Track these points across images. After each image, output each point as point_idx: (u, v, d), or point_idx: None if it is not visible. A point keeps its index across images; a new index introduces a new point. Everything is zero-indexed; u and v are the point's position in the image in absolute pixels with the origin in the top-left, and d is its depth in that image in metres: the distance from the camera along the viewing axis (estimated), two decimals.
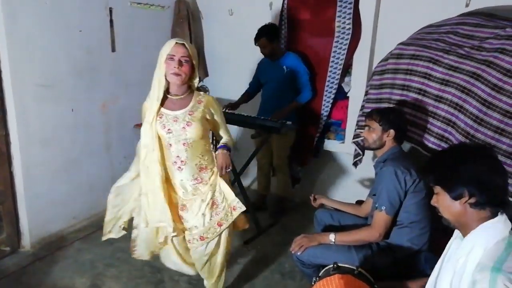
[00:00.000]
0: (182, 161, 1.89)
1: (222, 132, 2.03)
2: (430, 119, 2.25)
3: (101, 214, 3.17)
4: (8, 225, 2.63)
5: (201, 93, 1.96)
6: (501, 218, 1.19)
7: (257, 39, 3.06)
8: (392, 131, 1.97)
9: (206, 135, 1.97)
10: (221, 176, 1.96)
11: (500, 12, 2.31)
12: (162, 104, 1.87)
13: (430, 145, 2.24)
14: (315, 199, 2.40)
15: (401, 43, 2.45)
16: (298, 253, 1.96)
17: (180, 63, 1.78)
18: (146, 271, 2.55)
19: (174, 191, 2.00)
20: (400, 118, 2.01)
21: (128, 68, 3.25)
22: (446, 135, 2.19)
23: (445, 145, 2.20)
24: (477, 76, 2.05)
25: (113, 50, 3.10)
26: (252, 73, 3.38)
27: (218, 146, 1.99)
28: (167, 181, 1.96)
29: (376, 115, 2.02)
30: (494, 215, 1.19)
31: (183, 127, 1.85)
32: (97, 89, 3.02)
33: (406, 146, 2.46)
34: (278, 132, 2.91)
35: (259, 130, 3.09)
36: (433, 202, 1.30)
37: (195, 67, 1.88)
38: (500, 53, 2.01)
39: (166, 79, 1.85)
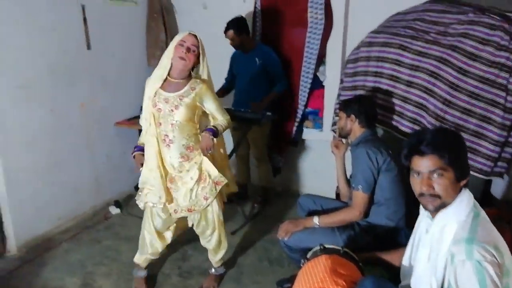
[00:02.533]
0: (170, 140, 2.05)
1: (218, 116, 2.18)
2: (403, 104, 2.36)
3: (86, 214, 3.20)
4: None
5: (198, 81, 2.09)
6: (466, 192, 1.30)
7: (225, 32, 3.11)
8: (353, 116, 2.10)
9: (194, 118, 2.12)
10: (204, 155, 2.12)
11: None
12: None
13: (403, 128, 2.36)
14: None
15: (372, 32, 2.55)
16: (285, 239, 2.05)
17: (188, 50, 1.97)
18: None
19: (165, 166, 2.13)
20: (363, 104, 2.13)
21: (105, 66, 3.23)
22: (418, 118, 2.31)
23: (417, 128, 2.32)
24: (444, 61, 2.17)
25: (89, 47, 3.07)
26: (227, 66, 3.42)
27: (206, 128, 2.13)
28: (161, 155, 2.11)
29: (341, 104, 2.20)
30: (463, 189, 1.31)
31: (171, 109, 2.01)
32: (75, 88, 2.99)
33: (380, 132, 2.57)
34: (258, 124, 2.97)
35: (240, 122, 3.14)
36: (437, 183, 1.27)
37: (200, 60, 2.07)
38: (464, 37, 2.14)
39: (171, 63, 2.01)
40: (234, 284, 2.44)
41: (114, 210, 3.28)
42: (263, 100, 3.12)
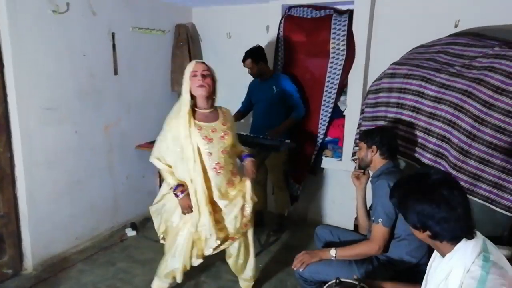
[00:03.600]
0: (221, 167, 2.11)
1: (237, 141, 2.30)
2: (425, 136, 2.31)
3: (102, 235, 3.22)
4: (11, 247, 2.63)
5: (221, 107, 2.22)
6: (467, 243, 1.21)
7: (244, 61, 3.20)
8: (374, 147, 2.06)
9: (236, 143, 2.25)
10: (250, 180, 2.24)
11: (488, 32, 2.41)
12: (194, 118, 2.09)
13: (426, 161, 2.30)
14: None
15: (394, 63, 2.54)
16: (300, 270, 1.98)
17: (203, 76, 2.05)
18: None
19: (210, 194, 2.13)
20: (384, 135, 2.08)
21: (130, 91, 3.33)
22: (441, 151, 2.25)
23: (440, 161, 2.25)
24: (469, 94, 2.12)
25: (116, 73, 3.18)
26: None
27: (244, 155, 2.27)
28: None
29: (362, 135, 2.17)
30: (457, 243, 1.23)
31: (222, 136, 2.11)
32: (100, 111, 3.09)
33: (402, 164, 2.52)
34: (277, 150, 2.97)
35: (259, 149, 3.15)
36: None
37: (215, 82, 2.14)
38: (490, 71, 2.10)
39: (191, 94, 2.07)
40: None
41: (130, 233, 3.29)
42: (280, 126, 3.13)
